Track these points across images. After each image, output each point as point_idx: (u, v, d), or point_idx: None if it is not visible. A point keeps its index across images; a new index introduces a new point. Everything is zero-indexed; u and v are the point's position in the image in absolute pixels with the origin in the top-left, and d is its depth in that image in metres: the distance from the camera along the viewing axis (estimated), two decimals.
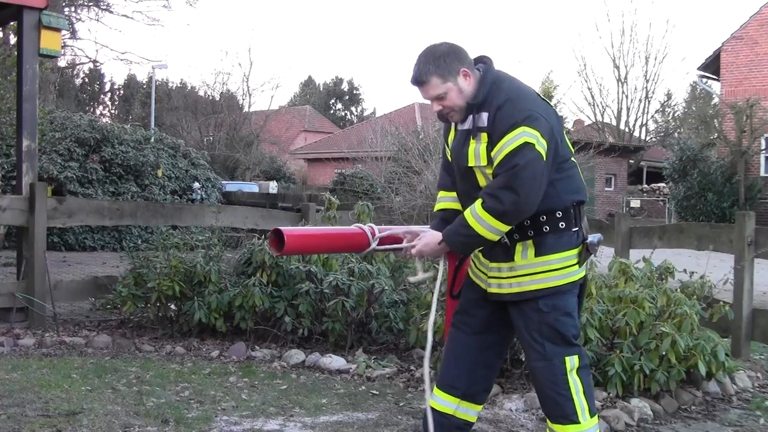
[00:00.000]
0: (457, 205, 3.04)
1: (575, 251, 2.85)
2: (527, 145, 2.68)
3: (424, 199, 11.35)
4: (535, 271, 2.82)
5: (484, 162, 2.80)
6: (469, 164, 2.85)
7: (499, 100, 2.78)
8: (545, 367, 2.82)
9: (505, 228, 2.75)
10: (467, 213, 2.79)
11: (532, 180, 2.68)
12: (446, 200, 3.10)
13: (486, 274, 2.95)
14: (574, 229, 2.86)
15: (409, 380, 4.76)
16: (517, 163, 2.67)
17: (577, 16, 75.55)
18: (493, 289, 2.92)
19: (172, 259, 5.80)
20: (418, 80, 2.86)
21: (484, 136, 2.80)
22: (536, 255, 2.83)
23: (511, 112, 2.73)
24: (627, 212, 26.48)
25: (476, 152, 2.82)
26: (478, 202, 2.76)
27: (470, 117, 2.86)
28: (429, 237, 2.96)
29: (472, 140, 2.84)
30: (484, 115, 2.81)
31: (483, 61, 2.94)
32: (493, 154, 2.76)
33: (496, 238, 2.78)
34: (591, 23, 70.41)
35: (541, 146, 2.69)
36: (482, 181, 2.85)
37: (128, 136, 13.68)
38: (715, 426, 4.11)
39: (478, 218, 2.75)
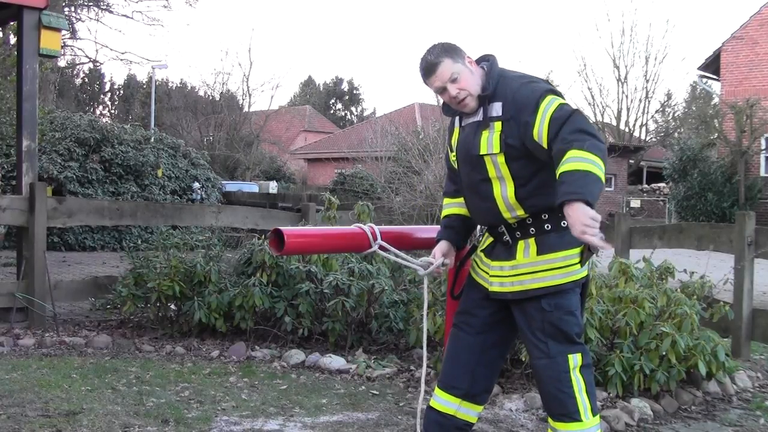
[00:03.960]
0: (461, 211, 3.07)
1: (577, 250, 2.85)
2: (563, 105, 2.70)
3: (424, 199, 11.34)
4: (537, 269, 2.82)
5: (496, 149, 2.81)
6: (481, 152, 2.85)
7: (512, 88, 2.82)
8: (548, 364, 2.82)
9: (602, 163, 2.53)
10: (569, 165, 2.49)
11: (586, 122, 2.65)
12: (451, 206, 3.12)
13: (488, 273, 2.95)
14: None
15: (409, 380, 4.76)
16: (568, 113, 2.64)
17: (577, 16, 75.62)
18: (495, 288, 2.92)
19: (172, 259, 5.80)
20: (432, 63, 2.88)
21: (497, 125, 2.82)
22: (538, 253, 2.83)
23: (531, 91, 2.77)
24: (627, 212, 26.47)
25: (489, 141, 2.83)
26: (572, 150, 2.52)
27: (480, 109, 2.89)
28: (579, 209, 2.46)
29: (484, 131, 2.86)
30: (497, 105, 2.83)
31: (486, 59, 2.99)
32: (536, 132, 2.69)
33: (602, 175, 2.52)
34: (591, 23, 70.47)
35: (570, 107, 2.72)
36: (492, 171, 2.85)
37: (128, 136, 13.68)
38: (715, 426, 4.11)
39: (580, 158, 2.50)
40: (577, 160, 2.50)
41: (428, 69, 2.91)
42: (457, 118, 3.05)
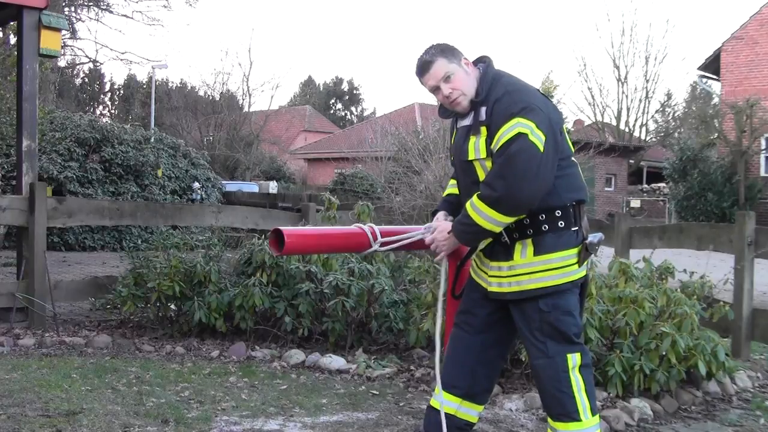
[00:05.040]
0: None
1: (574, 251, 2.86)
2: (521, 136, 2.72)
3: (424, 199, 11.33)
4: (534, 270, 2.83)
5: (483, 155, 2.84)
6: (469, 158, 2.89)
7: (497, 94, 2.84)
8: (547, 364, 2.82)
9: (503, 218, 2.75)
10: (467, 204, 2.84)
11: (525, 168, 2.69)
12: (454, 187, 3.17)
13: (487, 273, 2.96)
14: (573, 229, 2.86)
15: (409, 380, 4.76)
16: (510, 152, 2.71)
17: (577, 16, 75.65)
18: (493, 288, 2.92)
19: (172, 259, 5.79)
20: (426, 62, 2.92)
21: (483, 129, 2.85)
22: (535, 254, 2.84)
23: (508, 105, 2.78)
24: (627, 212, 26.48)
25: (476, 146, 2.86)
26: (476, 198, 2.81)
27: (471, 113, 2.91)
28: (440, 227, 3.00)
29: (472, 135, 2.88)
30: (483, 110, 2.86)
31: (483, 61, 3.00)
32: (492, 146, 2.80)
33: (495, 228, 2.79)
34: (591, 23, 70.57)
35: (536, 137, 2.72)
36: (481, 175, 2.87)
37: (128, 136, 13.68)
38: (715, 426, 4.11)
39: (475, 208, 2.79)
40: (473, 208, 2.79)
41: (422, 67, 2.94)
42: (454, 119, 3.07)
